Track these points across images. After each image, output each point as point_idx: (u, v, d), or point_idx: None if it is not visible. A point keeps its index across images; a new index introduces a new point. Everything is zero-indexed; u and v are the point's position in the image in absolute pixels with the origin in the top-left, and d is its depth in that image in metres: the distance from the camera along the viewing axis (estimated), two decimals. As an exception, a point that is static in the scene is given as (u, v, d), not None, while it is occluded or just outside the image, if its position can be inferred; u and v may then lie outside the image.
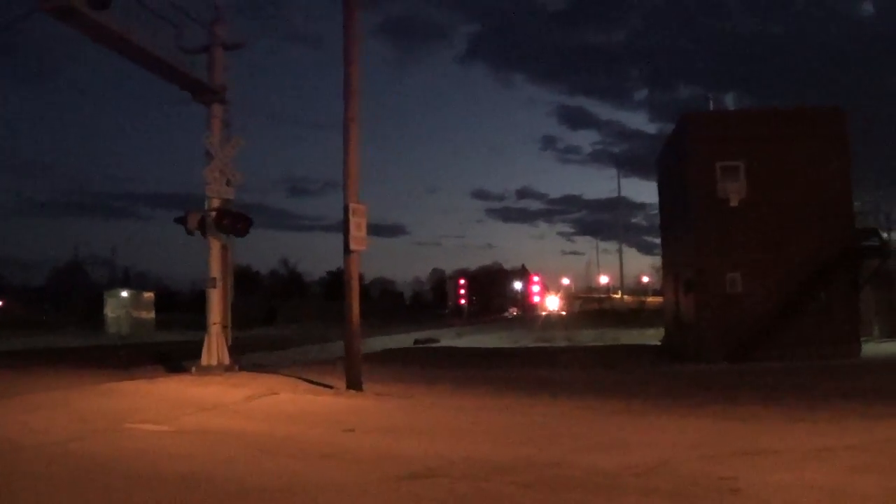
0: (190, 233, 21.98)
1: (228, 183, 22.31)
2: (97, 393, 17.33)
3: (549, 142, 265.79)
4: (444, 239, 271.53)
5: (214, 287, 22.20)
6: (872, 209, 48.70)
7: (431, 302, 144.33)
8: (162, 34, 20.87)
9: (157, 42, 20.55)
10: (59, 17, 18.07)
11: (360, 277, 18.85)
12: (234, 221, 22.17)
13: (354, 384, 17.50)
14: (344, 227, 17.72)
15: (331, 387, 18.05)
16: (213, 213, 21.92)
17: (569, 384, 19.86)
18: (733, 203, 28.84)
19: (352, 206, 17.76)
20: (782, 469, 8.78)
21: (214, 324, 22.05)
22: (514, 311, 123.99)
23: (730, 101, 34.60)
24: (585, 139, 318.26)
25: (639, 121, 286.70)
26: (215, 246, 22.24)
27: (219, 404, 15.32)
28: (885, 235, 34.32)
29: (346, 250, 17.80)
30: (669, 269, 37.49)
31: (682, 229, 31.96)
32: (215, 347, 21.87)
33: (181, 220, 22.06)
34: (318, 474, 9.04)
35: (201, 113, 22.92)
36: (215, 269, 22.25)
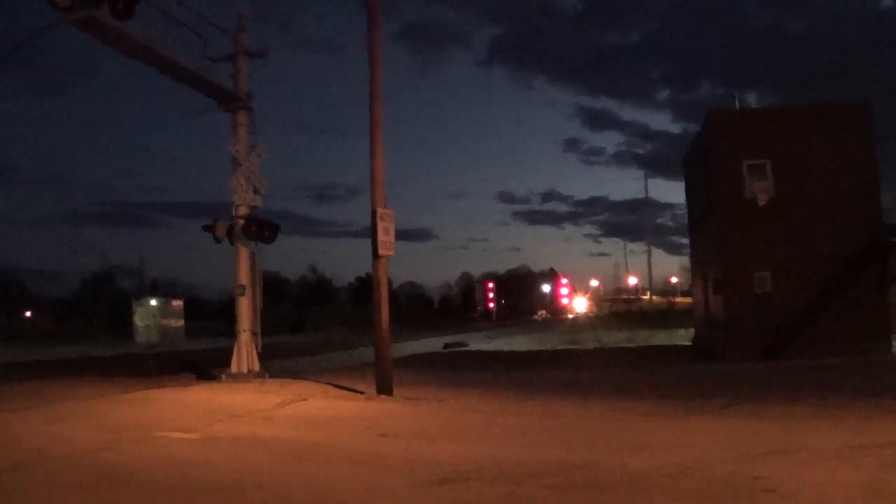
0: (218, 241, 22.09)
1: (255, 190, 22.43)
2: (127, 402, 17.43)
3: (572, 144, 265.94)
4: (471, 243, 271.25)
5: (243, 294, 22.30)
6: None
7: (460, 306, 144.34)
8: (186, 43, 20.99)
9: (182, 51, 20.67)
10: (83, 27, 18.16)
11: (389, 282, 18.85)
12: (262, 229, 22.26)
13: (385, 389, 17.53)
14: (372, 233, 17.75)
15: (361, 392, 18.07)
16: (241, 221, 22.02)
17: (599, 386, 19.80)
18: (761, 201, 28.63)
19: (379, 211, 17.80)
20: (815, 467, 8.74)
21: (244, 331, 22.15)
22: (542, 314, 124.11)
23: (752, 98, 34.42)
24: (609, 140, 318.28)
25: (662, 121, 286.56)
26: (243, 253, 22.34)
27: (249, 411, 15.36)
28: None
29: (375, 255, 17.83)
30: (698, 269, 37.31)
31: (709, 228, 31.79)
32: (245, 355, 21.96)
33: (209, 229, 22.18)
34: (349, 480, 9.05)
35: (225, 121, 23.05)
36: (244, 277, 22.34)
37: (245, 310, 22.35)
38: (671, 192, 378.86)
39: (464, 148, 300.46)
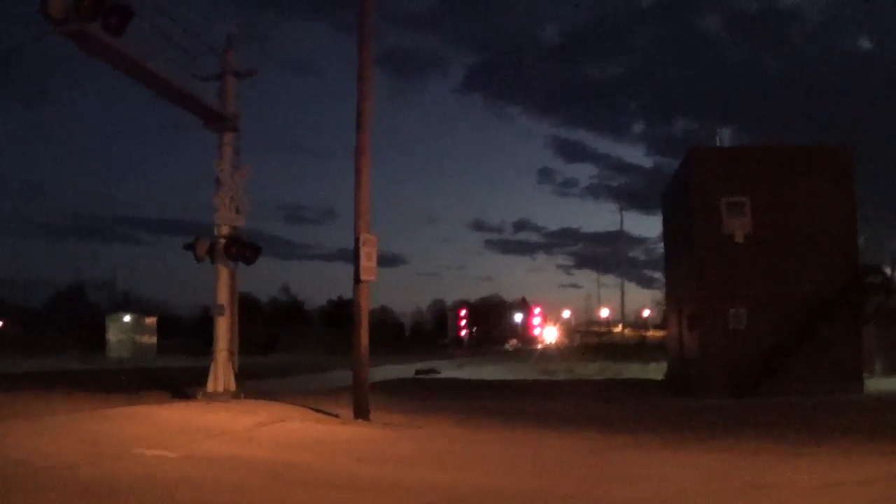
0: (199, 260, 22.04)
1: (238, 210, 22.43)
2: (104, 417, 17.32)
3: (546, 174, 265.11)
4: (443, 270, 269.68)
5: (222, 314, 22.24)
6: (875, 245, 48.85)
7: (432, 332, 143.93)
8: (175, 60, 21.02)
9: (172, 69, 20.70)
10: (75, 41, 18.18)
11: (364, 307, 18.88)
12: (243, 249, 22.24)
13: (362, 413, 17.52)
14: (354, 258, 17.80)
15: (337, 415, 18.06)
16: (223, 241, 22.00)
17: (573, 417, 19.90)
18: (738, 239, 28.90)
19: (363, 236, 17.86)
20: (794, 503, 8.84)
21: (222, 350, 22.06)
22: (514, 343, 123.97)
23: (727, 135, 34.69)
24: (582, 172, 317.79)
25: (636, 154, 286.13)
26: (223, 273, 22.29)
27: (227, 431, 15.35)
28: (888, 272, 34.36)
29: (357, 280, 17.88)
30: (673, 304, 37.52)
31: (686, 264, 32.03)
32: (222, 374, 21.87)
33: (190, 247, 22.15)
34: None
35: (199, 139, 23.08)
36: (223, 297, 22.29)
37: (223, 330, 22.29)
38: (644, 225, 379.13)
39: (437, 174, 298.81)
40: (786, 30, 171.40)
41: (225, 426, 16.05)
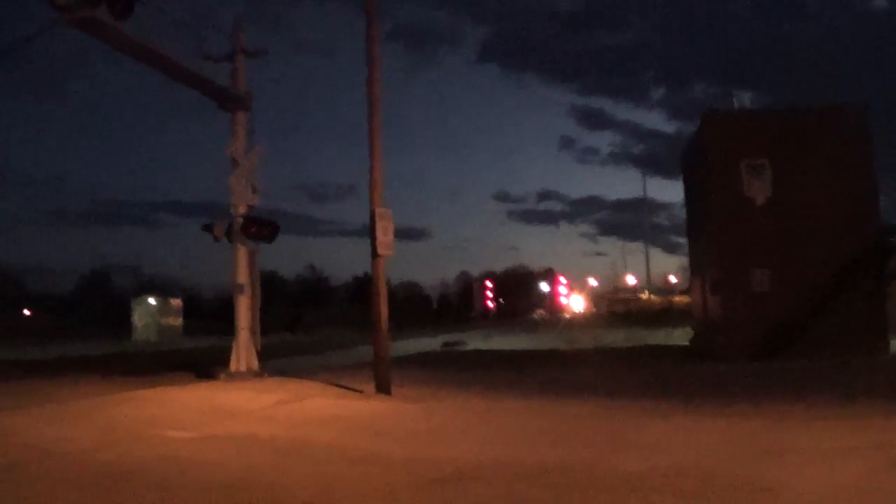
0: (217, 240, 22.08)
1: (253, 190, 22.42)
2: (125, 400, 17.44)
3: (567, 143, 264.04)
4: (467, 242, 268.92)
5: (242, 293, 22.29)
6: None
7: (458, 305, 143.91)
8: (184, 43, 20.97)
9: (182, 51, 20.64)
10: (82, 27, 18.14)
11: (387, 281, 18.88)
12: (261, 228, 22.26)
13: (383, 388, 17.52)
14: (371, 232, 17.78)
15: (360, 391, 18.05)
16: (240, 221, 22.00)
17: (596, 386, 19.78)
18: (759, 201, 28.62)
19: (378, 210, 17.83)
20: (812, 467, 8.77)
21: (243, 330, 22.13)
22: (541, 313, 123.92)
23: (746, 99, 34.27)
24: (603, 139, 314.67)
25: (657, 120, 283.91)
26: (242, 253, 22.33)
27: (248, 410, 15.39)
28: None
29: (374, 255, 17.86)
30: (696, 269, 37.21)
31: (708, 228, 31.75)
32: (244, 353, 21.95)
33: (208, 228, 22.18)
34: (349, 479, 9.07)
35: (216, 120, 23.06)
36: (242, 276, 22.34)
37: (243, 309, 22.36)
38: (667, 191, 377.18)
39: (458, 147, 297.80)
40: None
41: (245, 405, 16.13)
